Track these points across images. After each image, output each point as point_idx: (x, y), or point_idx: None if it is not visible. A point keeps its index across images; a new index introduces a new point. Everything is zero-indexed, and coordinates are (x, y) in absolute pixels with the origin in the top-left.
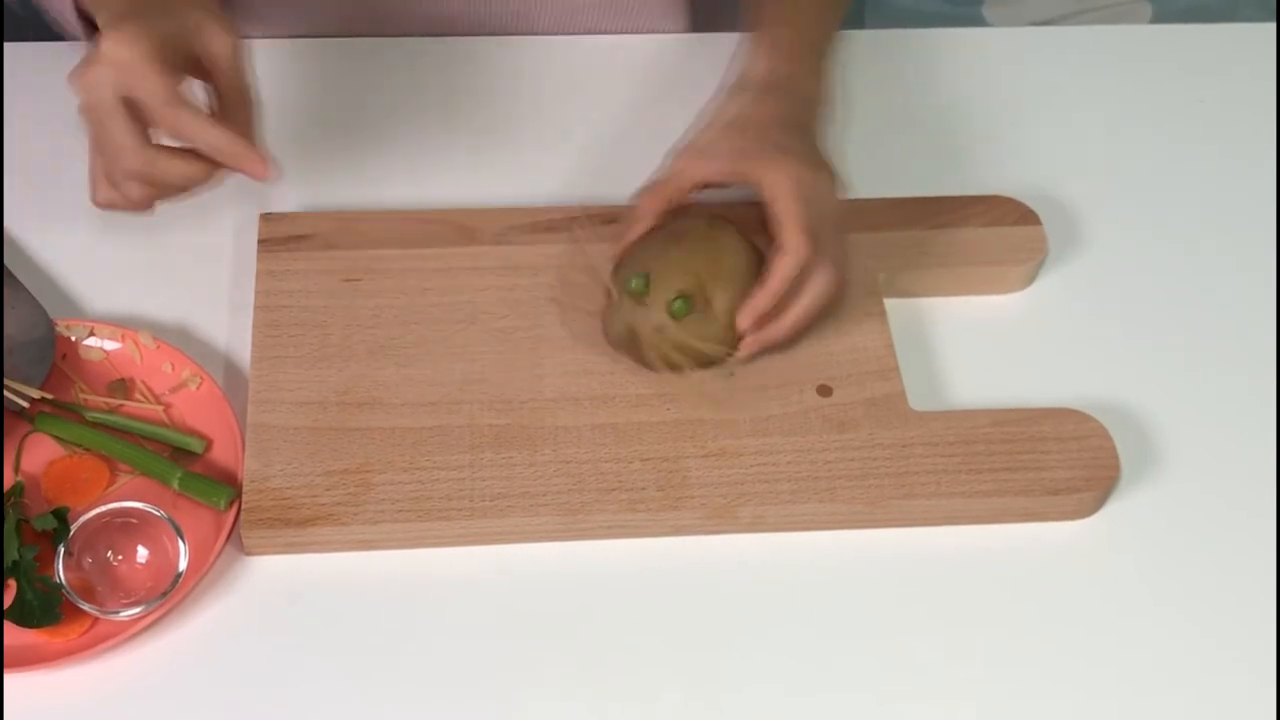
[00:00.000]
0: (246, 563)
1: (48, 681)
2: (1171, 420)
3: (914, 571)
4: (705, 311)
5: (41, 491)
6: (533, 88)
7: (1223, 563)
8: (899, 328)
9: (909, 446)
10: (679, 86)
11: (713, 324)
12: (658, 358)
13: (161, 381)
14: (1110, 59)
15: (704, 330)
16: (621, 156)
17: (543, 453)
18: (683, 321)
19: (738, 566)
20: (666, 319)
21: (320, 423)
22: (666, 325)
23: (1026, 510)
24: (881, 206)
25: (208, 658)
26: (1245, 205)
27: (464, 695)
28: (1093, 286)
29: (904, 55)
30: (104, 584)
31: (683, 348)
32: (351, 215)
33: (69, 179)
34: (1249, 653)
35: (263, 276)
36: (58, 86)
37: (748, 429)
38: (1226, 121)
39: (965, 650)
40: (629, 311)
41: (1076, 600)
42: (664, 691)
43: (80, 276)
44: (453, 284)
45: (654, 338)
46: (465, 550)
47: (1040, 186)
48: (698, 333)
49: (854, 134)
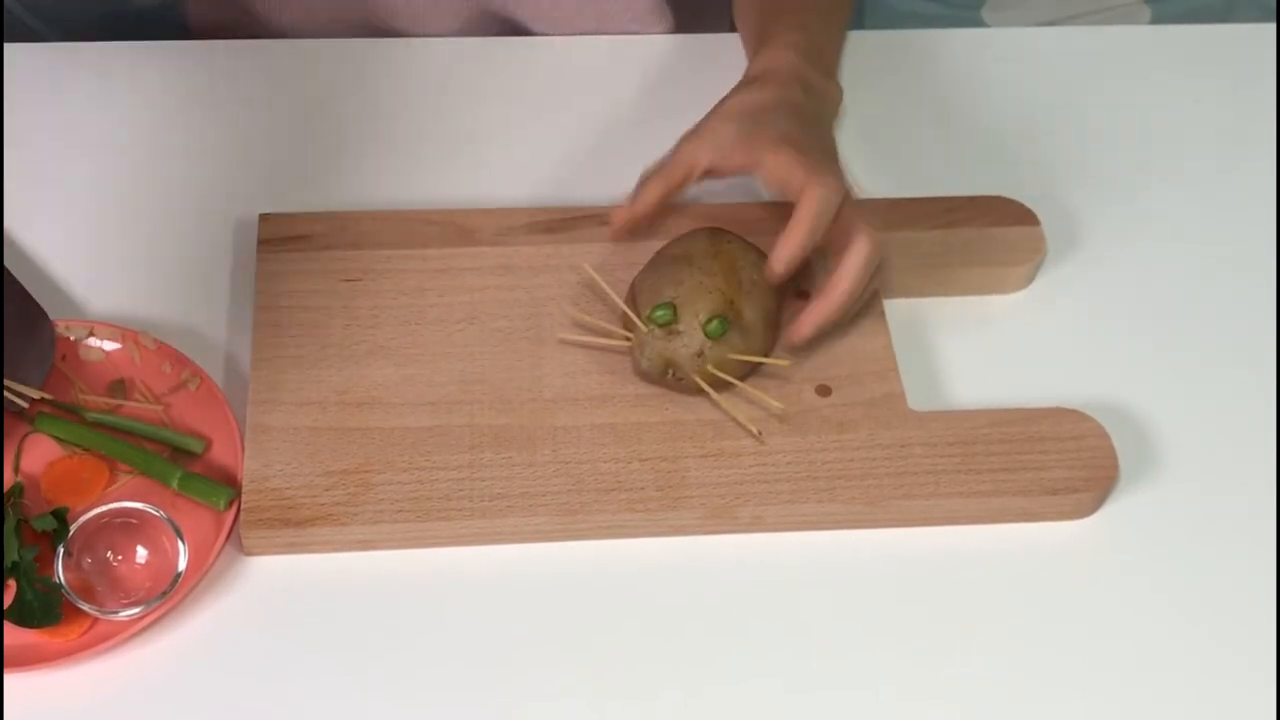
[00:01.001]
0: (246, 563)
1: (47, 681)
2: (1170, 420)
3: (913, 571)
4: (738, 324)
5: (41, 492)
6: (532, 88)
7: (1221, 562)
8: (898, 328)
9: (908, 447)
10: (680, 87)
11: (750, 335)
12: (704, 381)
13: (161, 382)
14: (1109, 59)
15: (743, 344)
16: (622, 157)
17: (542, 453)
18: (721, 340)
19: (737, 566)
20: (704, 342)
21: (320, 423)
22: (706, 348)
23: (1025, 510)
24: (880, 207)
25: (207, 658)
26: (1244, 206)
27: (463, 695)
28: (1091, 287)
29: (903, 56)
30: (103, 584)
31: (726, 366)
32: (351, 215)
33: (69, 179)
34: (1248, 653)
35: (262, 277)
36: (58, 88)
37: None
38: (1225, 122)
39: (964, 650)
40: (661, 343)
41: (1075, 600)
42: (663, 691)
43: (80, 277)
44: (452, 284)
45: (695, 363)
46: (464, 550)
47: (1039, 187)
48: (738, 347)
49: (853, 135)
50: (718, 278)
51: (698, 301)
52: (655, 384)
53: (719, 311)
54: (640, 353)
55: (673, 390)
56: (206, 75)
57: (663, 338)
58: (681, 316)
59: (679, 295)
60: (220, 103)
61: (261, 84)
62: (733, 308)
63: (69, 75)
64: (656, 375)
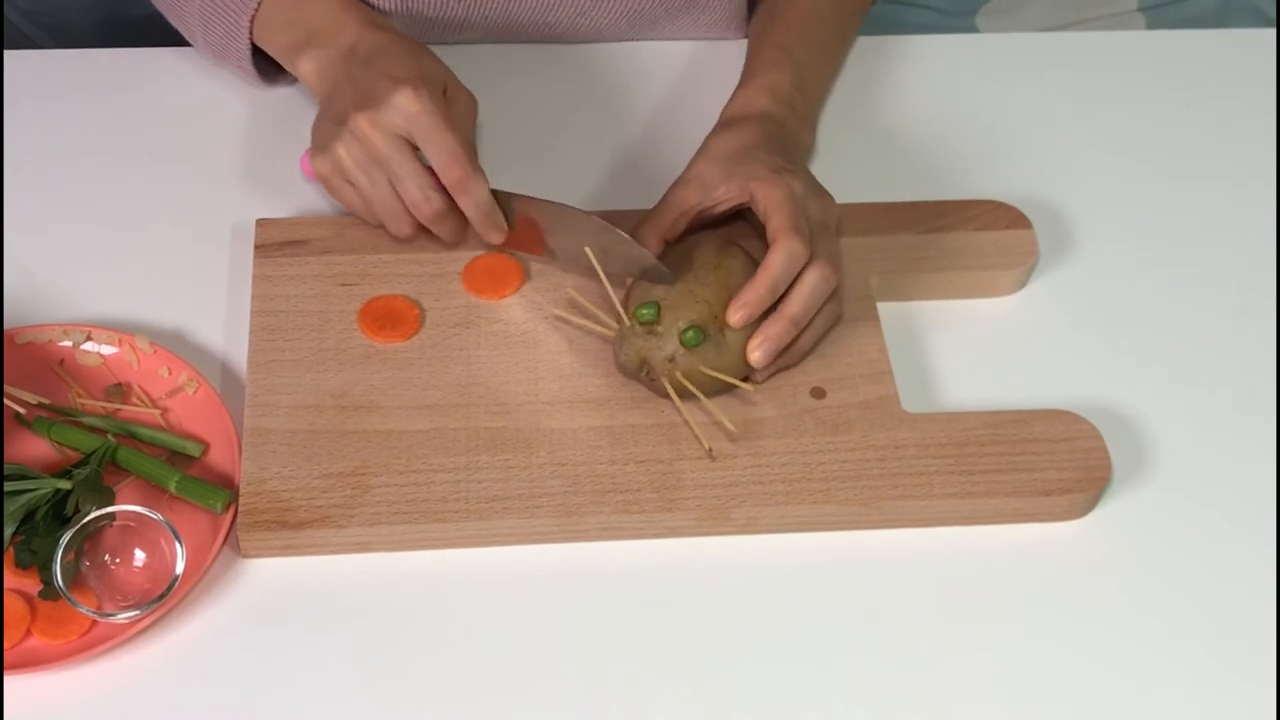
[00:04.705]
0: (243, 565)
1: (46, 683)
2: (1163, 421)
3: (907, 572)
4: (718, 339)
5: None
6: (525, 92)
7: (1214, 562)
8: (892, 331)
9: (902, 448)
10: (681, 90)
11: (725, 352)
12: (671, 386)
13: (158, 386)
14: (1102, 64)
15: (717, 359)
16: (620, 161)
17: (538, 455)
18: (695, 350)
19: (732, 568)
20: (679, 348)
21: (316, 426)
22: (679, 354)
23: (1019, 511)
24: (874, 211)
25: (205, 660)
26: (1235, 210)
27: (461, 696)
28: (1084, 290)
29: (897, 62)
30: (101, 587)
31: (695, 377)
32: (347, 220)
33: (67, 185)
34: (1241, 653)
35: (259, 281)
36: (56, 95)
37: (741, 431)
38: (1217, 126)
39: (959, 650)
40: (641, 340)
41: (1069, 601)
42: (660, 692)
43: (77, 281)
44: (447, 288)
45: (666, 367)
46: (461, 552)
47: (1032, 191)
48: (710, 361)
49: (848, 139)
50: (709, 289)
51: (683, 307)
52: (632, 379)
53: (700, 322)
54: (619, 346)
55: (647, 389)
56: (203, 81)
57: (642, 335)
58: (664, 318)
59: (667, 297)
60: (217, 108)
61: (259, 89)
62: (716, 322)
63: (67, 83)
64: (632, 371)
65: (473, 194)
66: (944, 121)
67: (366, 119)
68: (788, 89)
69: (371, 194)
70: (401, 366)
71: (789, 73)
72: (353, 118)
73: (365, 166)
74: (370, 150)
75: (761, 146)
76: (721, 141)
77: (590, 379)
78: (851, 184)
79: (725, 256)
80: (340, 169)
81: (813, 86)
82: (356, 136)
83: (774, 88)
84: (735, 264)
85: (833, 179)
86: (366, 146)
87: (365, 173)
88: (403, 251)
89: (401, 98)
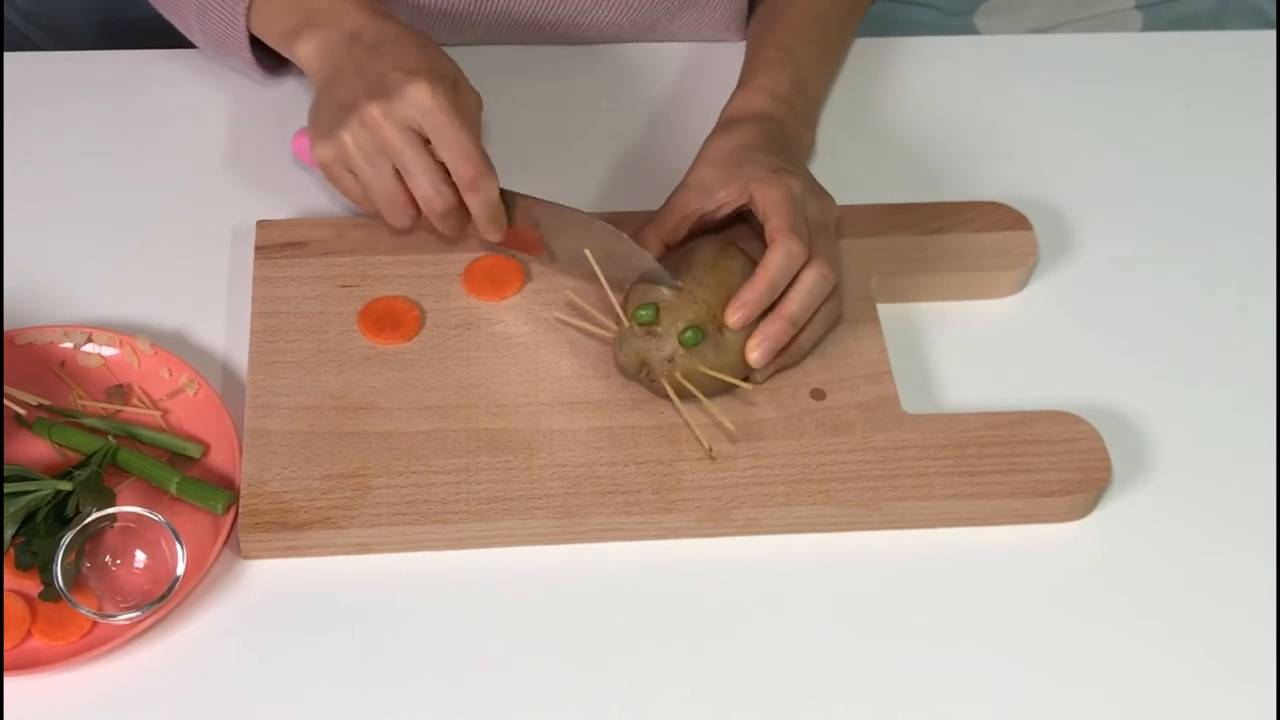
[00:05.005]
0: (244, 566)
1: (46, 685)
2: (1162, 422)
3: (907, 573)
4: (716, 340)
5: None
6: (525, 93)
7: (1215, 563)
8: (892, 332)
9: (902, 449)
10: (681, 91)
11: (724, 353)
12: (670, 387)
13: (159, 387)
14: (1101, 65)
15: (716, 359)
16: (620, 162)
17: (538, 456)
18: (694, 351)
19: (733, 569)
20: (678, 349)
21: (317, 427)
22: (678, 355)
23: (1019, 512)
24: (874, 212)
25: (205, 661)
26: (1235, 210)
27: (461, 697)
28: (1084, 291)
29: (897, 62)
30: (102, 588)
31: (694, 377)
32: (347, 222)
33: (67, 187)
34: (1241, 654)
35: (259, 283)
36: (56, 97)
37: (741, 432)
38: (1217, 127)
39: (959, 651)
40: (640, 341)
41: (1069, 602)
42: (660, 693)
43: (78, 282)
44: (448, 289)
45: (665, 368)
46: (462, 553)
47: (1032, 192)
48: (710, 361)
49: (847, 140)
50: (708, 290)
51: (681, 308)
52: (632, 380)
53: (698, 322)
54: (619, 347)
55: (647, 390)
56: (204, 82)
57: (641, 336)
58: (663, 319)
59: (666, 298)
60: (217, 109)
61: (260, 91)
62: (714, 322)
63: (67, 83)
64: (632, 372)
65: (483, 192)
66: (944, 122)
67: (379, 109)
68: (787, 89)
69: (374, 184)
70: (402, 368)
71: (788, 73)
72: (363, 106)
73: (372, 156)
74: (380, 141)
75: (760, 147)
76: (721, 143)
77: (590, 380)
78: (851, 185)
79: (724, 257)
80: (344, 156)
81: (812, 87)
82: (367, 125)
83: (773, 88)
84: (734, 265)
85: (832, 180)
86: (377, 136)
87: (371, 163)
88: (403, 253)
89: (416, 90)
